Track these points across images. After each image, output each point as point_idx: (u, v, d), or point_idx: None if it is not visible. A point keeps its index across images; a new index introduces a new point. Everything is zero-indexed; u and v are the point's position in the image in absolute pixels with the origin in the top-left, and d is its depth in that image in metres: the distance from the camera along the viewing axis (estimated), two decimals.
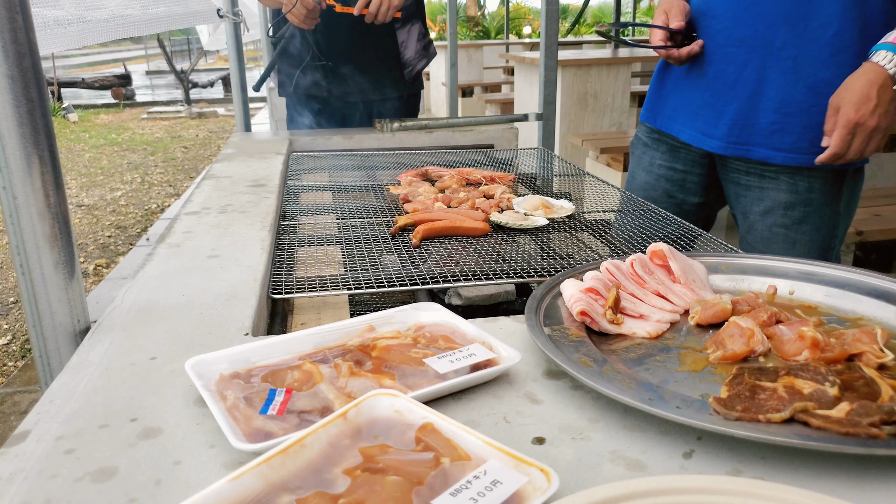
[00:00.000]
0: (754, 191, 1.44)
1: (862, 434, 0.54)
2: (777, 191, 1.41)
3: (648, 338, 0.78)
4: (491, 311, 1.07)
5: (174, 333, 0.81)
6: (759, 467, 0.56)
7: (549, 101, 2.30)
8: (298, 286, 1.00)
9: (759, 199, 1.44)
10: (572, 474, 0.55)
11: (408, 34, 2.23)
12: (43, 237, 0.79)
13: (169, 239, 1.15)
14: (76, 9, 2.82)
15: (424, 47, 2.29)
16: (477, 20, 18.98)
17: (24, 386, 2.89)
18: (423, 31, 2.27)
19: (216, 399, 0.63)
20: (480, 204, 1.37)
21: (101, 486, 0.55)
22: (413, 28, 2.24)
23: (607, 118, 4.94)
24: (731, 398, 0.61)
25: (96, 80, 13.76)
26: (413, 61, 2.27)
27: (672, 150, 1.58)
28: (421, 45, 2.27)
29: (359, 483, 0.50)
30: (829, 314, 0.83)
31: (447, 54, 4.83)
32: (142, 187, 6.45)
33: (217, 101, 12.70)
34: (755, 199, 1.44)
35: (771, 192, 1.42)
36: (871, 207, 2.70)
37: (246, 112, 2.42)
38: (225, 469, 0.57)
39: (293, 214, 1.40)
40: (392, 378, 0.68)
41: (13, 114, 0.74)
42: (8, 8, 0.72)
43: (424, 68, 2.33)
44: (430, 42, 2.32)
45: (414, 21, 2.24)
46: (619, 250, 1.17)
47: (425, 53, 2.29)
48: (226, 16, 2.28)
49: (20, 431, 0.62)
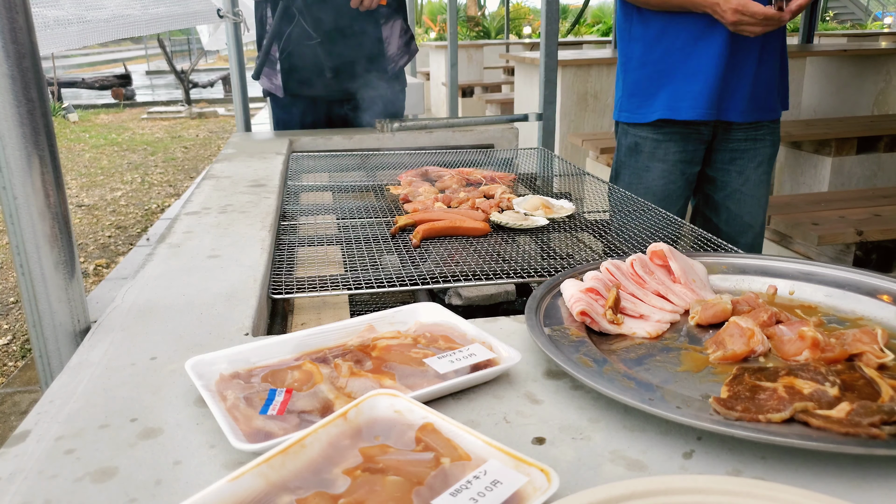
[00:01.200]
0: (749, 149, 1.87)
1: (862, 434, 0.54)
2: (764, 145, 1.88)
3: (648, 338, 0.78)
4: (491, 311, 1.07)
5: (174, 333, 0.81)
6: (760, 467, 0.56)
7: (549, 101, 2.31)
8: (298, 286, 1.00)
9: (753, 156, 1.88)
10: (572, 474, 0.55)
11: (391, 30, 2.25)
12: (43, 237, 0.79)
13: (169, 239, 1.15)
14: (76, 9, 2.82)
15: (406, 43, 2.30)
16: (477, 20, 18.98)
17: (24, 386, 2.89)
18: (404, 27, 2.29)
19: (216, 399, 0.63)
20: (480, 204, 1.37)
21: (101, 486, 0.55)
22: (395, 24, 2.26)
23: (607, 118, 4.93)
24: (731, 398, 0.61)
25: (96, 80, 13.76)
26: (396, 57, 2.28)
27: (683, 135, 1.86)
28: (403, 41, 2.29)
29: (359, 483, 0.50)
30: (829, 314, 0.83)
31: (447, 54, 4.83)
32: (142, 187, 6.45)
33: (217, 101, 12.70)
34: (751, 157, 1.88)
35: (760, 147, 1.88)
36: (871, 207, 2.70)
37: (246, 112, 2.42)
38: (225, 469, 0.57)
39: (293, 214, 1.40)
40: (392, 378, 0.68)
41: (13, 114, 0.74)
42: (8, 8, 0.72)
43: (406, 64, 2.35)
44: (412, 38, 2.34)
45: (396, 17, 2.26)
46: (619, 250, 1.17)
47: (407, 49, 2.31)
48: (226, 16, 2.28)
49: (20, 431, 0.62)
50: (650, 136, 1.88)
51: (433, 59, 9.21)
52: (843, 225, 2.49)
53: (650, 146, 1.89)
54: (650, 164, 1.90)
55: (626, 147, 1.96)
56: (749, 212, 1.90)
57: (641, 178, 1.91)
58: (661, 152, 1.88)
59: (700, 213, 2.00)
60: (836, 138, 3.48)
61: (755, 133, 1.84)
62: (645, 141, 1.90)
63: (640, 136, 1.90)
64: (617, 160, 2.01)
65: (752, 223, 1.91)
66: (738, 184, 1.89)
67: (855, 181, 3.61)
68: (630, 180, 1.93)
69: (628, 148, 1.95)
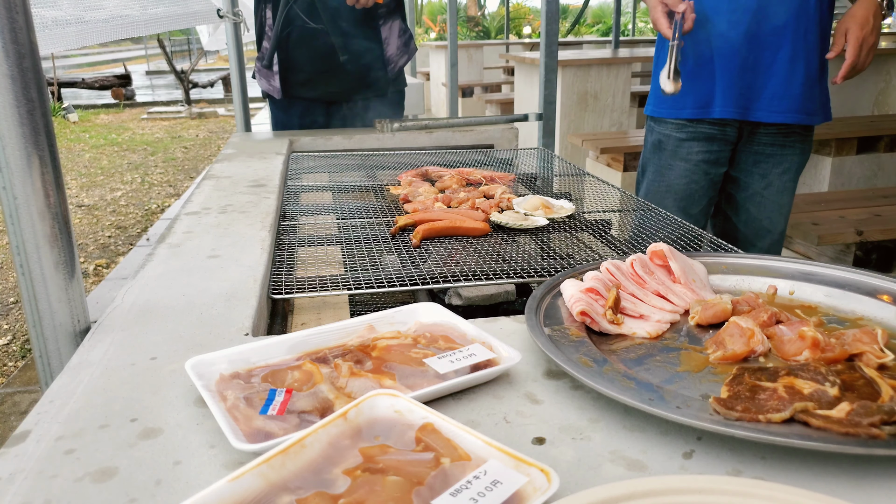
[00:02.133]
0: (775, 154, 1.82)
1: (862, 434, 0.54)
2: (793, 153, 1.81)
3: (648, 338, 0.78)
4: (491, 311, 1.07)
5: (174, 334, 0.81)
6: (760, 467, 0.56)
7: (549, 101, 2.31)
8: (298, 286, 1.00)
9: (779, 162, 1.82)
10: (572, 474, 0.55)
11: (389, 31, 2.25)
12: (43, 237, 0.79)
13: (169, 239, 1.15)
14: (75, 9, 2.82)
15: (405, 43, 2.30)
16: (477, 20, 18.98)
17: (24, 386, 2.89)
18: (403, 27, 2.29)
19: (216, 399, 0.63)
20: (480, 204, 1.37)
21: (101, 486, 0.55)
22: (394, 24, 2.26)
23: (607, 118, 4.93)
24: (731, 398, 0.61)
25: (96, 80, 13.74)
26: (395, 58, 2.28)
27: (708, 134, 1.82)
28: (402, 41, 2.29)
29: (359, 483, 0.50)
30: (829, 314, 0.83)
31: (447, 54, 4.83)
32: (142, 187, 6.45)
33: (217, 101, 12.69)
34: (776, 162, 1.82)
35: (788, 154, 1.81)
36: (871, 207, 2.70)
37: (246, 112, 2.42)
38: (225, 469, 0.57)
39: (293, 214, 1.40)
40: (392, 378, 0.68)
41: (13, 114, 0.74)
42: (8, 8, 0.72)
43: (406, 64, 2.35)
44: (411, 37, 2.34)
45: (395, 17, 2.25)
46: (620, 250, 1.17)
47: (406, 49, 2.31)
48: (226, 16, 2.28)
49: (20, 432, 0.62)
50: (673, 133, 1.86)
51: (433, 59, 9.21)
52: (843, 225, 2.49)
53: (673, 144, 1.87)
54: (673, 162, 1.87)
55: (651, 143, 1.94)
56: (769, 216, 1.85)
57: (664, 175, 1.89)
58: (684, 151, 1.85)
59: (721, 211, 1.96)
60: (836, 138, 3.49)
61: (784, 139, 1.79)
62: (668, 138, 1.88)
63: (664, 134, 1.88)
64: (643, 156, 1.99)
65: (771, 228, 1.86)
66: (761, 187, 1.84)
67: (855, 181, 3.61)
68: (653, 177, 1.92)
69: (653, 144, 1.93)
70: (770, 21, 1.67)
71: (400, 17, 2.28)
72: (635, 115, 5.42)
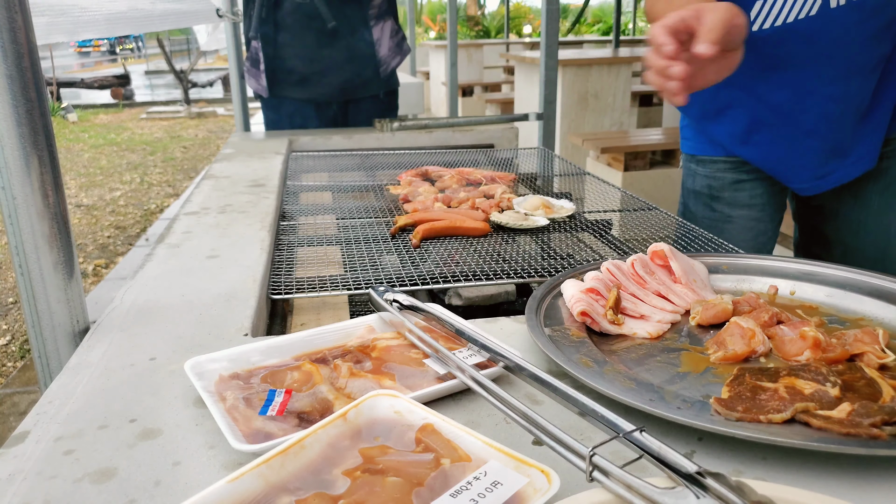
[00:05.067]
0: None
1: (863, 434, 0.54)
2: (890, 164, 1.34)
3: (649, 338, 0.78)
4: (491, 311, 1.07)
5: (173, 334, 0.81)
6: (760, 468, 0.55)
7: (549, 100, 2.31)
8: (298, 286, 0.99)
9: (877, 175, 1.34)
10: (573, 475, 0.55)
11: (381, 31, 2.24)
12: (42, 237, 0.79)
13: (168, 239, 1.15)
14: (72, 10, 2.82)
15: (398, 44, 2.29)
16: (477, 19, 18.97)
17: (24, 386, 2.88)
18: (395, 27, 2.28)
19: (215, 400, 0.63)
20: (480, 204, 1.37)
21: (101, 486, 0.55)
22: (386, 25, 2.25)
23: (608, 118, 4.94)
24: (732, 399, 0.61)
25: (95, 80, 13.75)
26: (388, 59, 2.27)
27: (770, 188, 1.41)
28: (394, 42, 2.28)
29: (359, 484, 0.50)
30: (830, 314, 0.83)
31: (447, 54, 4.83)
32: (141, 187, 6.44)
33: (216, 100, 12.68)
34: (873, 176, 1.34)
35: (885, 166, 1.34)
36: None
37: (245, 112, 2.42)
38: (224, 470, 0.56)
39: (293, 214, 1.40)
40: (392, 379, 0.68)
41: (12, 114, 0.74)
42: (7, 8, 0.72)
43: (399, 65, 2.34)
44: (404, 38, 2.33)
45: (386, 18, 2.24)
46: (620, 250, 1.17)
47: (399, 50, 2.30)
48: (225, 15, 2.28)
49: (19, 432, 0.62)
50: (728, 175, 1.40)
51: (433, 58, 9.20)
52: None
53: (729, 190, 1.41)
54: (731, 212, 1.41)
55: (693, 193, 1.47)
56: (873, 243, 1.37)
57: (721, 231, 1.42)
58: (745, 195, 1.40)
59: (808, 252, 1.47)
60: None
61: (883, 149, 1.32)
62: (721, 183, 1.41)
63: (713, 177, 1.42)
64: (683, 205, 1.51)
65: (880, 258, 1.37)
66: (855, 212, 1.37)
67: None
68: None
69: (697, 194, 1.46)
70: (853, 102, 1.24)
71: (392, 17, 2.27)
72: (636, 115, 5.42)
